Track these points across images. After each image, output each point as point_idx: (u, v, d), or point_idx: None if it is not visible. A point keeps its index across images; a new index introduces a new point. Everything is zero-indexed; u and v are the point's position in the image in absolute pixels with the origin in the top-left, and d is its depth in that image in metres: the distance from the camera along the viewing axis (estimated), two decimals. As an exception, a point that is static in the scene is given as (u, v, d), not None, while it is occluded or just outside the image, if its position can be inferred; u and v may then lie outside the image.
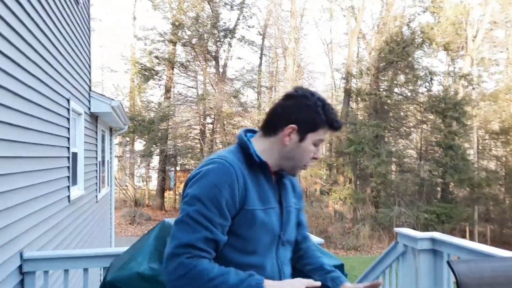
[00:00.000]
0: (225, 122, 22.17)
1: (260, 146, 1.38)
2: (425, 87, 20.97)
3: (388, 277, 3.77)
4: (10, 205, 2.80)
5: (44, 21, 3.71)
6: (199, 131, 23.32)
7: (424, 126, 22.17)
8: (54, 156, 4.08)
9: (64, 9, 4.59)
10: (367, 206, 20.10)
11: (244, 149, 1.36)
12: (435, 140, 20.75)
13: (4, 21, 2.72)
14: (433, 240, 3.30)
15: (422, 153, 22.63)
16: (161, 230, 2.73)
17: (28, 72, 3.26)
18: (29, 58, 3.27)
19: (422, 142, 23.13)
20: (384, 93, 20.70)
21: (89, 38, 6.60)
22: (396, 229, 3.61)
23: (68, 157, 4.74)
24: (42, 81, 3.65)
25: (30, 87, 3.29)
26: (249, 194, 1.29)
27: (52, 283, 3.32)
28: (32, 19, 3.35)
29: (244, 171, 1.30)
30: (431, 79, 20.28)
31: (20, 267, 2.93)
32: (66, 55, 4.75)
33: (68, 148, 4.74)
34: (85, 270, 3.00)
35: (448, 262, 2.25)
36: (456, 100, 19.07)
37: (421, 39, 19.44)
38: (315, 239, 3.11)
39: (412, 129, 22.73)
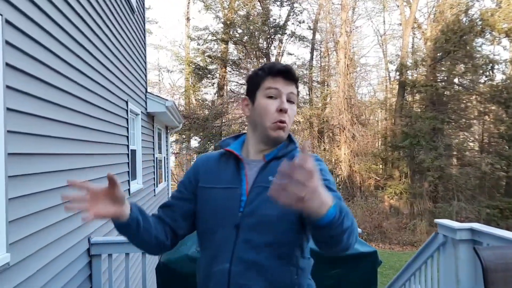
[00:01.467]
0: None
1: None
2: (486, 77, 19.97)
3: (430, 267, 3.83)
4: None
5: (104, 32, 4.13)
6: (251, 128, 23.72)
7: (486, 117, 21.13)
8: (115, 153, 4.53)
9: (121, 18, 5.03)
10: (425, 201, 19.53)
11: None
12: (498, 131, 19.73)
13: (72, 37, 3.12)
14: (472, 231, 3.34)
15: (484, 146, 21.58)
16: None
17: (92, 79, 3.67)
18: (91, 67, 3.68)
19: (484, 134, 22.05)
20: (441, 84, 19.96)
21: (145, 43, 7.08)
22: (436, 220, 3.68)
23: (128, 154, 5.20)
24: (103, 86, 4.07)
25: (93, 92, 3.71)
26: (205, 175, 1.44)
27: (115, 266, 3.73)
28: (94, 32, 3.77)
29: (213, 160, 1.48)
30: (492, 67, 19.28)
31: (88, 250, 3.35)
32: (124, 61, 5.20)
33: (127, 145, 5.20)
34: (143, 253, 3.36)
35: (474, 248, 2.35)
36: (520, 89, 18.02)
37: (480, 27, 18.52)
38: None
39: (473, 121, 21.72)
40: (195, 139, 24.44)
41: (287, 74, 1.37)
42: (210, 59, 23.79)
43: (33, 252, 2.35)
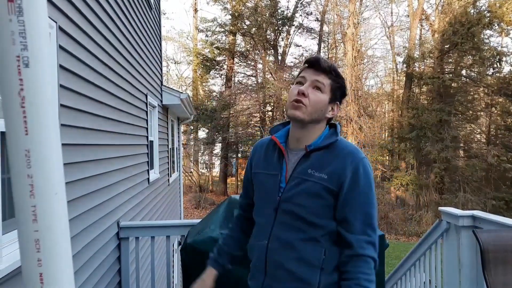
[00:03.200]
0: (284, 110, 22.57)
1: None
2: (494, 69, 20.02)
3: (434, 252, 4.08)
4: (110, 183, 3.50)
5: (128, 30, 4.39)
6: (259, 119, 23.97)
7: (493, 109, 21.22)
8: (137, 144, 4.80)
9: (141, 15, 5.28)
10: (431, 193, 19.73)
11: None
12: (504, 124, 19.83)
13: (104, 37, 3.38)
14: (473, 218, 3.57)
15: (490, 138, 21.69)
16: (229, 204, 3.30)
17: (118, 74, 3.93)
18: (118, 63, 3.94)
19: (491, 126, 22.14)
20: (448, 76, 20.05)
21: (160, 37, 7.33)
22: (440, 208, 3.91)
23: (147, 145, 5.48)
24: (127, 81, 4.33)
25: (119, 86, 3.98)
26: (257, 161, 1.66)
27: (141, 248, 4.02)
28: (120, 29, 4.02)
29: (265, 146, 1.66)
30: (500, 59, 19.30)
31: (118, 233, 3.63)
32: (144, 56, 5.46)
33: (147, 137, 5.47)
34: (168, 237, 3.64)
35: (473, 231, 2.60)
36: (528, 81, 18.10)
37: (488, 19, 18.53)
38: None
39: (480, 112, 21.81)
40: (203, 130, 24.74)
41: (315, 64, 1.49)
42: (218, 51, 23.99)
43: (77, 233, 2.63)
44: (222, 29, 23.69)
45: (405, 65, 22.18)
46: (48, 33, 0.50)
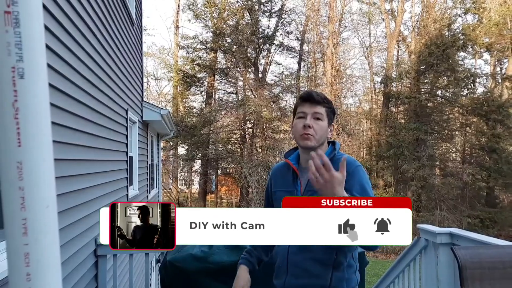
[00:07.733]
0: (264, 127, 22.69)
1: None
2: (468, 89, 20.67)
3: (413, 269, 4.11)
4: (89, 199, 3.43)
5: (109, 45, 4.37)
6: (239, 136, 23.98)
7: (468, 129, 21.81)
8: (117, 159, 4.74)
9: (123, 31, 5.27)
10: (408, 210, 19.97)
11: None
12: (479, 143, 20.38)
13: (86, 51, 3.36)
14: (451, 235, 3.63)
15: (465, 157, 22.23)
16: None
17: (99, 89, 3.90)
18: (99, 77, 3.91)
19: (465, 146, 22.71)
20: (425, 96, 20.58)
21: (141, 53, 7.32)
22: (419, 225, 3.96)
23: (126, 161, 5.40)
24: (107, 96, 4.29)
25: (100, 101, 3.94)
26: (275, 181, 1.98)
27: (119, 264, 3.93)
28: (102, 45, 4.01)
29: (280, 168, 1.98)
30: (474, 81, 19.96)
31: (95, 251, 3.55)
32: (125, 71, 5.43)
33: (126, 152, 5.40)
34: (146, 254, 3.58)
35: (451, 248, 2.63)
36: (500, 102, 18.70)
37: (463, 41, 19.20)
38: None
39: (455, 132, 22.39)
40: (183, 147, 24.57)
41: (310, 98, 1.80)
42: (199, 67, 24.04)
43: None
44: (203, 46, 23.81)
45: (383, 84, 22.69)
46: (44, 45, 0.50)
